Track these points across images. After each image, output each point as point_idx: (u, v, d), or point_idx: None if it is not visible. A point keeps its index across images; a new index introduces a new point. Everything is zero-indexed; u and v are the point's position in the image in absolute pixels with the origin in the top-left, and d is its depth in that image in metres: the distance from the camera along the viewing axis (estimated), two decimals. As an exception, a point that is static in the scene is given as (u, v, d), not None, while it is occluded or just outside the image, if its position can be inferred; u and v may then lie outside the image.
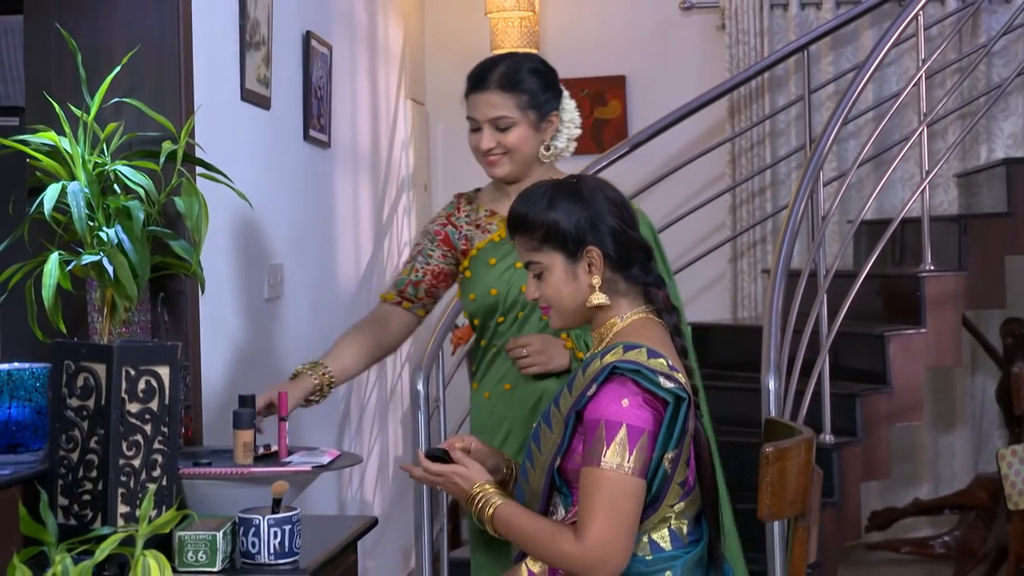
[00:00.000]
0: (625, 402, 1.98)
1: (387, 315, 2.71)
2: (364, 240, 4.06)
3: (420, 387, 3.30)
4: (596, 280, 2.09)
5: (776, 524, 3.02)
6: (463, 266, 2.65)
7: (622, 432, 1.97)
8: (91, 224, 2.33)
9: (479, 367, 2.66)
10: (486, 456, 2.24)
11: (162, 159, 2.43)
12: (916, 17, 3.96)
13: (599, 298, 2.10)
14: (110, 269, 2.29)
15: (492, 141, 2.58)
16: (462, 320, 3.43)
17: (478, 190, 2.74)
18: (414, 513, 3.35)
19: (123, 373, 2.08)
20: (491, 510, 2.08)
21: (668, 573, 2.05)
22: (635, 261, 2.13)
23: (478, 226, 2.66)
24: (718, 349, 4.40)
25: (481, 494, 2.10)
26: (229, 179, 2.54)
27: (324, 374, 2.60)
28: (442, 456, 2.17)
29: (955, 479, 5.03)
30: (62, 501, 2.10)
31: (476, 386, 2.67)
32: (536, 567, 2.09)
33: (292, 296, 3.28)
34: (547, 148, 2.61)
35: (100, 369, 2.08)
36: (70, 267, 2.30)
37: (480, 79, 2.60)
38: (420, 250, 2.70)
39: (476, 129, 2.61)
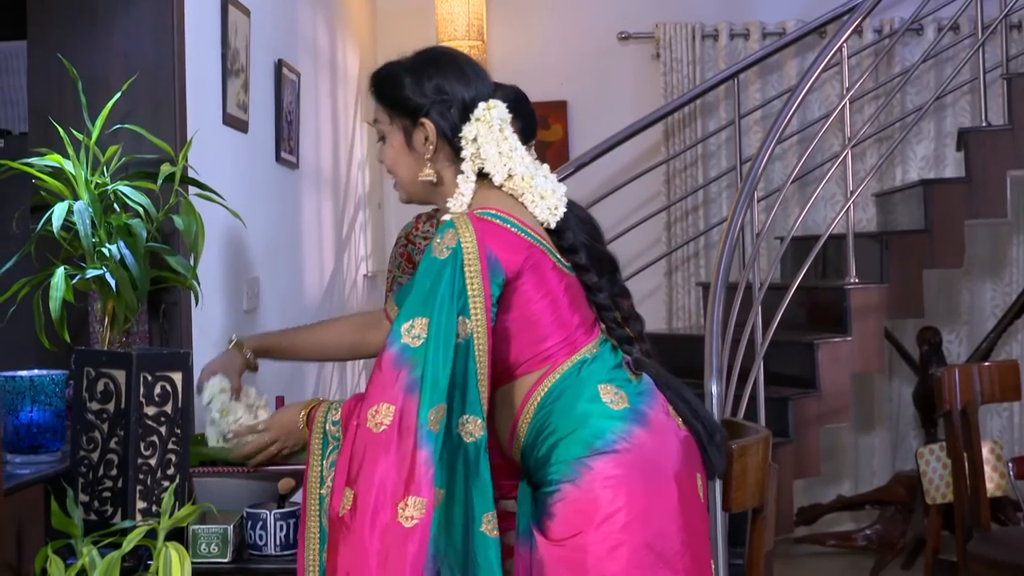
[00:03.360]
0: None
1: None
2: (327, 255, 4.20)
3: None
4: None
5: (719, 516, 3.24)
6: None
7: None
8: (94, 240, 2.46)
9: None
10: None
11: (161, 180, 2.57)
12: (841, 48, 4.12)
13: None
14: (113, 282, 2.40)
15: None
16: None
17: (436, 208, 2.92)
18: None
19: (141, 379, 2.18)
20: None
21: None
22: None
23: None
24: (655, 356, 4.60)
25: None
26: (222, 199, 2.71)
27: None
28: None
29: (874, 476, 5.23)
30: (83, 498, 2.19)
31: None
32: None
33: (267, 307, 3.42)
34: None
35: (120, 375, 2.18)
36: (74, 281, 2.42)
37: None
38: (392, 278, 2.83)
39: None
